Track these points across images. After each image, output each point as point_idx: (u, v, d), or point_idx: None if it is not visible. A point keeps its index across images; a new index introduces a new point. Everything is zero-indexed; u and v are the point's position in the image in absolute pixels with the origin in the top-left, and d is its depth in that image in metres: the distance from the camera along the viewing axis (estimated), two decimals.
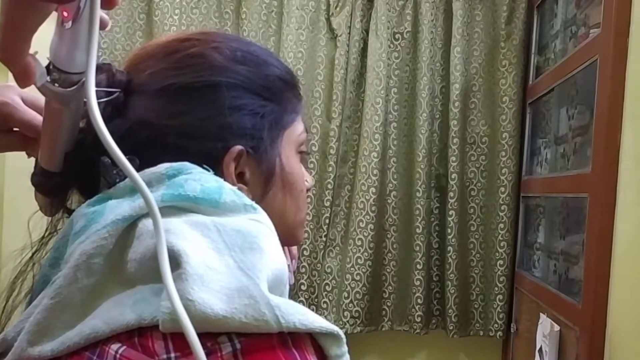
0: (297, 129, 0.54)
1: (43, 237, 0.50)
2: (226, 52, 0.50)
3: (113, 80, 0.47)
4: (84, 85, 0.39)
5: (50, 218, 0.51)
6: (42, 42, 0.40)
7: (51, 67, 0.40)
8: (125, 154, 0.38)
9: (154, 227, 0.38)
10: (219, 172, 0.47)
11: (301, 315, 0.37)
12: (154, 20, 1.91)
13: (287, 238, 0.53)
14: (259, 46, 0.55)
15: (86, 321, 0.39)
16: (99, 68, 0.46)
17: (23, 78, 0.39)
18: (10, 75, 0.39)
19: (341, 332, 0.39)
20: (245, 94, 0.49)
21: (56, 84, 0.40)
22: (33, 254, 0.49)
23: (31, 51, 0.39)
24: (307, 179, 0.57)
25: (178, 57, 0.49)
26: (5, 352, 0.41)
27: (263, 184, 0.50)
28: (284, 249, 0.61)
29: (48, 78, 0.40)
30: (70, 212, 0.49)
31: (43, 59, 0.40)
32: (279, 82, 0.52)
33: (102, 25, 0.41)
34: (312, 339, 0.38)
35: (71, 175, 0.48)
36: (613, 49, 1.21)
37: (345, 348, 0.39)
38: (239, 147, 0.48)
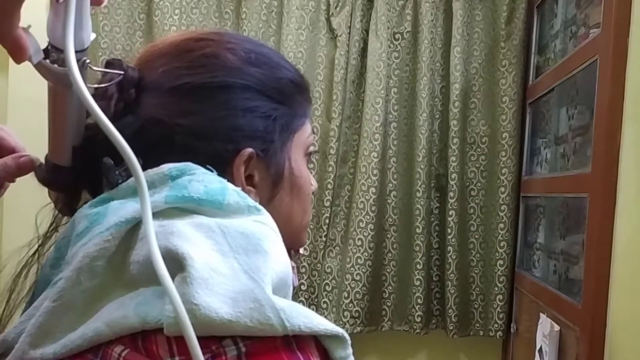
0: (306, 131, 0.54)
1: (46, 233, 0.49)
2: (240, 54, 0.49)
3: (124, 77, 0.46)
4: (84, 65, 0.37)
5: (52, 213, 0.50)
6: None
7: (49, 47, 0.39)
8: (135, 151, 0.37)
9: (145, 233, 0.37)
10: (228, 174, 0.46)
11: (305, 318, 0.37)
12: (154, 20, 1.91)
13: (291, 241, 0.53)
14: (270, 48, 0.55)
15: (88, 323, 0.39)
16: (110, 63, 0.46)
17: (16, 53, 0.37)
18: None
19: (346, 334, 0.39)
20: (258, 96, 0.49)
21: (55, 65, 0.39)
22: (36, 250, 0.49)
23: (24, 25, 0.37)
24: (312, 182, 0.57)
25: (192, 56, 0.48)
26: (5, 353, 0.41)
27: (271, 186, 0.50)
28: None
29: (48, 60, 0.38)
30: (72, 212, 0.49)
31: (43, 42, 0.39)
32: (290, 85, 0.52)
33: (97, 1, 0.39)
34: (317, 341, 0.38)
35: (80, 170, 0.47)
36: (613, 49, 1.21)
37: (350, 350, 0.39)
38: (249, 150, 0.48)
